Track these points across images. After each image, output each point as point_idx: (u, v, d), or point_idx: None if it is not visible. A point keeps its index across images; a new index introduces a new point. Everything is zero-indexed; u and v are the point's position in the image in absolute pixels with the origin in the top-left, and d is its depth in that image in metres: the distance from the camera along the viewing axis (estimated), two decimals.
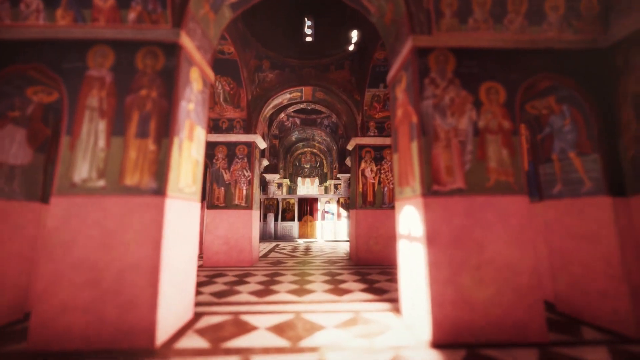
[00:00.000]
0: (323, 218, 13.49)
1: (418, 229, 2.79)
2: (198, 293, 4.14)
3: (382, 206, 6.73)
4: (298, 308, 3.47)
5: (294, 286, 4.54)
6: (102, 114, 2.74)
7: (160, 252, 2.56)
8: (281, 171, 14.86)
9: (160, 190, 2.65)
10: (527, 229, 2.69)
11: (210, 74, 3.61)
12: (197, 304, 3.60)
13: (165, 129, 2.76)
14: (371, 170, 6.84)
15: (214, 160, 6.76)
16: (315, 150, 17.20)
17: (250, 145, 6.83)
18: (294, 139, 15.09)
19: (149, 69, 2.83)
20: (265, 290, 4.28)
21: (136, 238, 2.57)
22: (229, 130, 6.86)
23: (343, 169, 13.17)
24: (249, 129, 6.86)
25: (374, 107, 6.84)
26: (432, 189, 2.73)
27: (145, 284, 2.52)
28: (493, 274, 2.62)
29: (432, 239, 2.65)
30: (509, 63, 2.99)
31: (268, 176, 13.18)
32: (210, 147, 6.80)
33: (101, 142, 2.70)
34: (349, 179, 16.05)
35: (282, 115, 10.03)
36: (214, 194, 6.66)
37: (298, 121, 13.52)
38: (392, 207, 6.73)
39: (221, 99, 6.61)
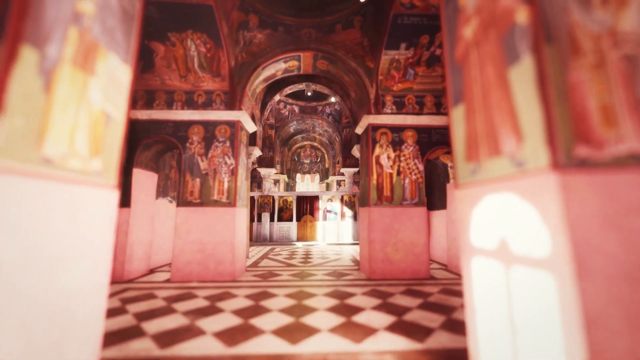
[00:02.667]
0: (325, 218, 12.02)
1: (539, 241, 1.32)
2: (137, 335, 2.66)
3: (403, 203, 5.26)
4: None
5: (286, 319, 3.06)
6: None
7: None
8: (278, 166, 13.41)
9: None
10: None
11: None
12: None
13: None
14: (388, 157, 5.38)
15: (187, 144, 5.30)
16: (315, 144, 15.73)
17: (234, 126, 5.36)
18: (292, 130, 13.63)
19: None
20: (243, 328, 2.81)
21: None
22: (207, 105, 5.39)
23: (347, 162, 11.71)
24: (232, 104, 5.39)
25: (391, 77, 5.37)
26: (573, 154, 1.26)
27: None
28: None
29: (587, 264, 1.18)
30: None
31: (263, 171, 11.71)
32: (183, 128, 5.33)
33: None
34: (354, 175, 14.57)
35: (277, 97, 8.57)
36: (187, 188, 5.19)
37: (296, 109, 12.06)
38: (416, 204, 5.26)
39: (195, 65, 5.14)
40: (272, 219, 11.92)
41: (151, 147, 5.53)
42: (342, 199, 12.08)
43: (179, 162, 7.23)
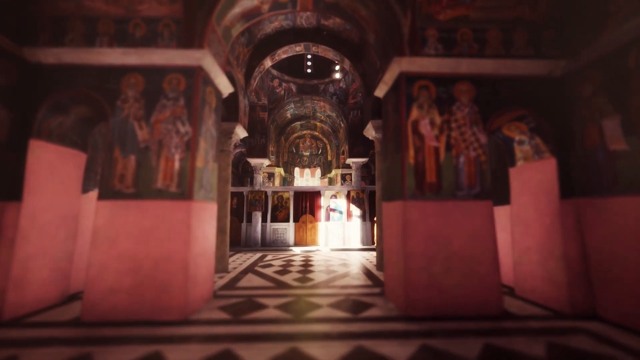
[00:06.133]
0: (328, 218, 10.10)
1: None
2: None
3: (457, 194, 3.34)
4: None
5: None
6: None
7: None
8: (272, 157, 11.49)
9: None
10: None
11: None
12: None
13: None
14: (431, 124, 3.46)
15: (119, 103, 3.38)
16: (316, 133, 13.80)
17: (193, 75, 3.45)
18: (289, 115, 11.70)
19: None
20: None
21: None
22: (149, 41, 3.47)
23: (355, 151, 9.78)
24: (189, 40, 3.47)
25: None
26: None
27: None
28: None
29: None
30: None
31: (253, 161, 9.78)
32: (112, 76, 3.42)
33: None
34: (362, 166, 12.56)
35: (269, 62, 6.65)
36: (115, 170, 3.28)
37: (294, 88, 10.14)
38: (477, 197, 3.34)
39: None
40: (264, 219, 9.99)
41: (68, 109, 3.61)
42: (348, 195, 10.16)
43: None
